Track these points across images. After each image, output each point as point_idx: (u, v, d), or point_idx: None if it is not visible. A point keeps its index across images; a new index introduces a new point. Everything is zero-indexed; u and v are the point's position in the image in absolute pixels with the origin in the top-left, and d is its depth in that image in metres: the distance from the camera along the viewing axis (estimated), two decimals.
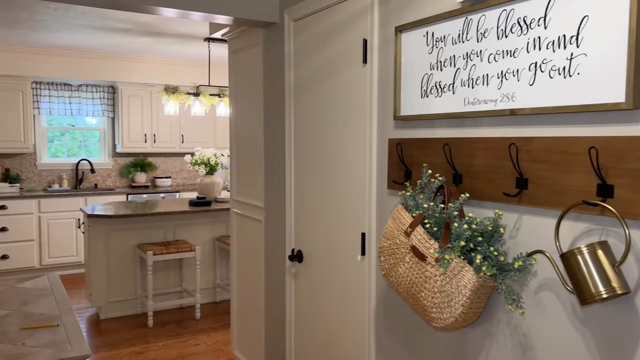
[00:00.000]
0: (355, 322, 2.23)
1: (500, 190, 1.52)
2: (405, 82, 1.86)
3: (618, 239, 1.24)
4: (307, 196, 2.55)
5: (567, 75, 1.33)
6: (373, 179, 2.06)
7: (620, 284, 1.18)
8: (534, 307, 1.46)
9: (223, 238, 5.05)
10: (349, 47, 2.19)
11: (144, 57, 6.48)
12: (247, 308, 3.36)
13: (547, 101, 1.38)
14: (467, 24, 1.61)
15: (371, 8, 2.04)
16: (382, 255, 1.77)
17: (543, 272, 1.43)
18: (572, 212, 1.33)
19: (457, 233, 1.51)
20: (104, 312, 4.69)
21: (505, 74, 1.50)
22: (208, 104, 5.29)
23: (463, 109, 1.63)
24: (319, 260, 2.47)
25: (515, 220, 1.50)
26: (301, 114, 2.58)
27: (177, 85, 5.38)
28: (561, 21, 1.34)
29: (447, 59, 1.69)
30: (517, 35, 1.46)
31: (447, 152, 1.68)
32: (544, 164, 1.39)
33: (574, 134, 1.33)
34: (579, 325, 1.34)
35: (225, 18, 2.73)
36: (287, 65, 2.67)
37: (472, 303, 1.51)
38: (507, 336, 1.55)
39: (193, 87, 5.34)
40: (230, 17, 2.71)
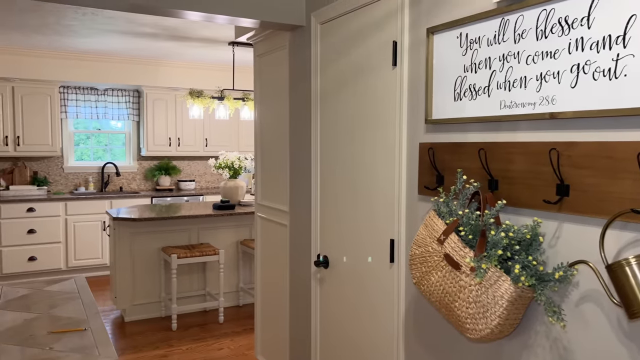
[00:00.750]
0: (383, 330, 2.18)
1: (539, 197, 1.46)
2: (437, 85, 1.81)
3: None
4: (333, 201, 2.51)
5: (613, 77, 1.27)
6: (403, 184, 2.01)
7: None
8: (576, 320, 1.39)
9: (246, 242, 5.05)
10: (378, 49, 2.15)
11: (169, 61, 6.53)
12: (271, 313, 3.34)
13: (591, 104, 1.32)
14: (504, 25, 1.55)
15: (401, 9, 1.99)
16: (414, 263, 1.72)
17: (585, 283, 1.36)
18: (618, 221, 1.27)
19: (494, 241, 1.46)
20: (128, 314, 4.72)
21: (544, 76, 1.44)
22: (232, 107, 5.30)
23: (499, 113, 1.58)
24: (345, 266, 2.43)
25: (555, 229, 1.44)
26: (328, 118, 2.55)
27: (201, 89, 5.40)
28: (606, 21, 1.28)
29: (482, 61, 1.63)
30: (557, 36, 1.40)
31: (483, 157, 1.62)
32: (588, 170, 1.33)
33: (621, 139, 1.26)
34: (624, 339, 1.27)
35: (252, 21, 2.72)
36: (313, 69, 2.64)
37: (509, 314, 1.45)
38: (546, 349, 1.48)
39: (217, 91, 5.35)
40: (256, 21, 2.70)
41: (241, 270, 5.17)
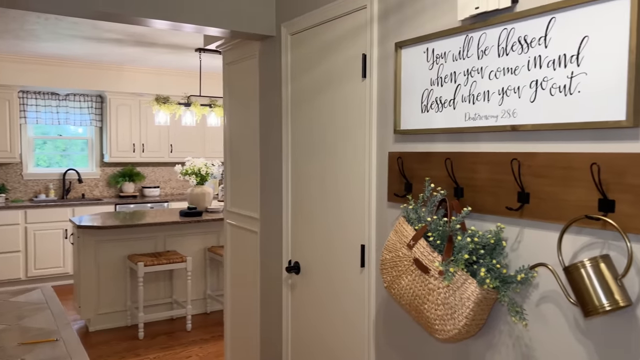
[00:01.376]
0: (354, 333, 2.25)
1: (502, 204, 1.55)
2: (405, 97, 1.90)
3: (619, 253, 1.28)
4: (305, 208, 2.57)
5: (568, 93, 1.37)
6: (373, 192, 2.08)
7: (623, 297, 1.22)
8: (536, 319, 1.49)
9: (214, 248, 5.04)
10: (347, 61, 2.22)
11: (134, 67, 6.46)
12: (241, 319, 3.35)
13: (548, 118, 1.42)
14: (468, 42, 1.65)
15: (370, 24, 2.07)
16: (384, 267, 1.80)
17: (545, 284, 1.46)
18: (574, 226, 1.37)
19: (460, 246, 1.54)
20: (93, 324, 4.63)
21: (506, 90, 1.54)
22: (199, 114, 5.29)
23: (464, 124, 1.67)
24: (317, 271, 2.49)
25: (517, 234, 1.53)
26: (299, 126, 2.60)
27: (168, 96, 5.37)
28: (561, 41, 1.38)
29: (447, 75, 1.72)
30: (517, 54, 1.50)
31: (449, 166, 1.71)
32: (546, 179, 1.43)
33: (576, 150, 1.37)
34: (581, 336, 1.38)
35: (221, 31, 2.75)
36: (284, 78, 2.70)
37: (475, 315, 1.53)
38: (509, 347, 1.57)
39: (184, 97, 5.33)
40: (226, 30, 2.73)
41: (209, 277, 5.15)
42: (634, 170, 1.23)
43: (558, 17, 1.39)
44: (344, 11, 2.23)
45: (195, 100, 5.31)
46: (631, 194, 1.24)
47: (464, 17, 1.63)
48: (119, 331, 4.61)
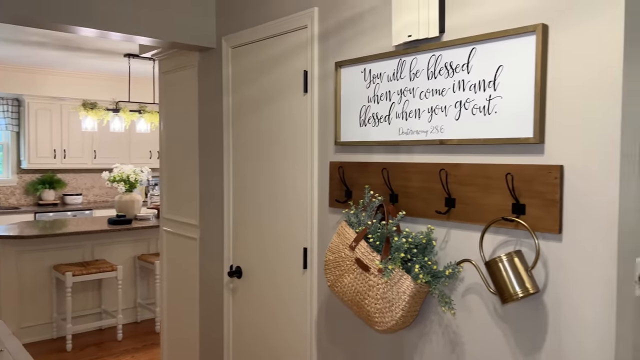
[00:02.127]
0: (297, 332, 2.39)
1: (432, 208, 1.77)
2: (344, 112, 2.08)
3: (529, 248, 1.52)
4: (247, 215, 2.68)
5: (487, 113, 1.61)
6: (315, 198, 2.24)
7: (533, 285, 1.46)
8: (462, 308, 1.71)
9: (144, 256, 4.98)
10: (289, 76, 2.37)
11: (56, 70, 6.22)
12: (179, 326, 3.39)
13: (471, 134, 1.65)
14: (401, 65, 1.85)
15: (311, 43, 2.24)
16: (328, 268, 1.96)
17: (469, 278, 1.69)
18: (493, 227, 1.60)
19: (397, 246, 1.74)
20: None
21: (434, 109, 1.76)
22: (128, 120, 5.21)
23: (398, 138, 1.87)
24: (260, 275, 2.61)
25: (445, 234, 1.75)
26: (241, 136, 2.71)
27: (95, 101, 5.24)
28: (481, 68, 1.62)
29: (383, 94, 1.92)
30: (444, 77, 1.72)
31: (385, 175, 1.91)
32: (469, 187, 1.66)
33: (494, 162, 1.60)
34: (499, 321, 1.61)
35: (160, 42, 2.78)
36: (225, 89, 2.80)
37: (410, 307, 1.73)
38: (439, 335, 1.79)
39: (112, 102, 5.23)
40: (165, 41, 2.78)
41: (139, 285, 5.08)
42: (540, 179, 1.48)
43: (478, 47, 1.63)
44: (285, 29, 2.38)
45: (124, 106, 5.23)
46: (538, 199, 1.48)
47: (397, 42, 1.84)
48: (45, 344, 4.44)
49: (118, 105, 5.16)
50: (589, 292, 1.41)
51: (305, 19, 2.27)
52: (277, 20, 2.42)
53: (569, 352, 1.45)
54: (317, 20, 2.22)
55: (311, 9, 2.23)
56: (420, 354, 1.85)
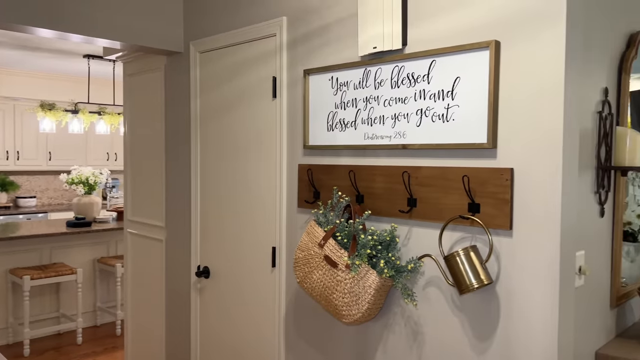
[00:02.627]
0: (266, 328, 2.48)
1: (396, 208, 1.90)
2: (313, 117, 2.19)
3: (483, 244, 1.67)
4: (216, 216, 2.75)
5: (445, 120, 1.75)
6: (284, 199, 2.34)
7: (487, 277, 1.61)
8: (423, 300, 1.85)
9: (104, 259, 4.94)
10: (259, 82, 2.47)
11: (13, 70, 6.06)
12: (143, 328, 3.41)
13: (431, 139, 1.79)
14: (367, 74, 1.98)
15: (280, 51, 2.34)
16: (297, 265, 2.06)
17: (429, 271, 1.83)
18: (451, 224, 1.75)
19: (363, 243, 1.86)
20: None
21: (397, 116, 1.89)
22: (87, 121, 5.15)
23: (364, 142, 2.00)
24: (228, 274, 2.68)
25: (407, 232, 1.89)
26: (209, 139, 2.78)
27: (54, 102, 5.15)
28: (440, 79, 1.77)
29: (349, 101, 2.05)
30: (406, 87, 1.86)
31: (352, 177, 2.03)
32: (430, 187, 1.80)
33: (451, 165, 1.75)
34: (456, 310, 1.76)
35: (127, 45, 2.81)
36: (192, 93, 2.86)
37: (375, 300, 1.86)
38: (402, 326, 1.92)
39: (71, 103, 5.16)
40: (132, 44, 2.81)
41: (98, 288, 5.03)
42: (492, 180, 1.64)
43: (438, 60, 1.77)
44: (254, 37, 2.48)
45: (83, 108, 5.16)
46: (491, 198, 1.64)
47: (363, 53, 1.97)
48: (1, 350, 4.33)
49: (77, 106, 5.09)
50: (535, 283, 1.57)
51: (274, 28, 2.37)
52: (246, 27, 2.51)
53: (518, 337, 1.61)
54: (285, 29, 2.32)
55: (280, 18, 2.33)
56: (384, 344, 1.98)
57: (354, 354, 2.08)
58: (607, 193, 2.01)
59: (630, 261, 2.53)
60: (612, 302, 2.10)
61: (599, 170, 1.94)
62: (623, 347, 2.03)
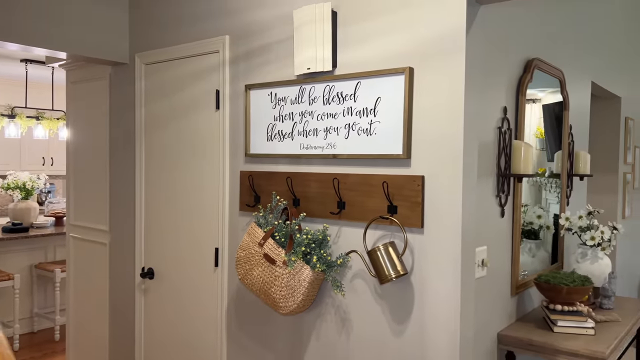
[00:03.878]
0: (208, 324, 2.66)
1: (327, 210, 2.15)
2: (253, 128, 2.41)
3: (400, 240, 1.95)
4: (160, 218, 2.90)
5: (369, 134, 2.02)
6: (226, 203, 2.54)
7: (403, 268, 1.89)
8: (350, 291, 2.11)
9: (42, 265, 4.90)
10: (202, 94, 2.65)
11: None
12: (86, 332, 3.48)
13: (357, 150, 2.06)
14: (302, 91, 2.23)
15: (222, 66, 2.54)
16: (239, 263, 2.27)
17: (356, 265, 2.09)
18: (373, 224, 2.02)
19: (298, 242, 2.10)
20: None
21: (329, 129, 2.15)
22: (25, 126, 5.10)
23: (300, 152, 2.24)
24: (172, 274, 2.84)
25: (337, 231, 2.14)
26: (154, 146, 2.93)
27: None
28: (365, 98, 2.04)
29: (287, 114, 2.28)
30: (336, 104, 2.12)
31: (289, 182, 2.27)
32: (356, 192, 2.06)
33: (374, 173, 2.02)
34: (378, 298, 2.03)
35: (73, 55, 2.91)
36: (138, 102, 3.00)
37: (309, 292, 2.10)
38: (332, 315, 2.17)
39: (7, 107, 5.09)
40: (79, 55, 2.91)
41: (36, 294, 4.98)
42: (407, 186, 1.92)
43: (362, 81, 2.04)
44: (198, 52, 2.66)
45: (20, 112, 5.10)
46: (406, 201, 1.92)
47: (299, 73, 2.21)
48: None
49: (14, 110, 5.03)
50: (442, 274, 1.86)
51: (217, 45, 2.57)
52: (191, 43, 2.69)
53: (429, 321, 1.90)
54: (228, 46, 2.53)
55: (223, 37, 2.54)
56: (317, 331, 2.22)
57: (290, 342, 2.31)
58: (507, 196, 2.35)
59: (532, 256, 2.91)
60: (513, 290, 2.45)
61: (499, 177, 2.27)
62: (521, 329, 2.37)
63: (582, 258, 2.81)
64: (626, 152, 4.42)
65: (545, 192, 3.04)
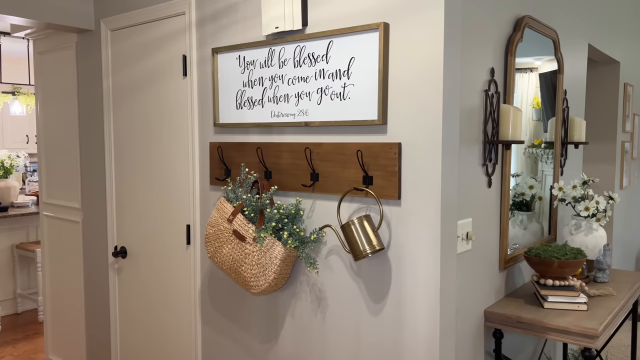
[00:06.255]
0: (182, 304, 2.53)
1: (300, 182, 2.00)
2: (222, 95, 2.23)
3: (377, 213, 1.80)
4: (131, 195, 2.75)
5: (343, 98, 1.85)
6: (196, 177, 2.38)
7: (379, 243, 1.74)
8: (325, 268, 1.97)
9: (24, 245, 4.77)
10: (169, 60, 2.47)
11: None
12: (63, 311, 3.36)
13: (330, 117, 1.89)
14: (271, 53, 2.05)
15: (189, 29, 2.36)
16: (208, 240, 2.13)
17: (330, 241, 1.94)
18: (348, 196, 1.87)
19: (269, 217, 1.95)
20: None
21: (300, 94, 1.98)
22: (0, 102, 4.90)
23: (270, 120, 2.07)
24: (144, 253, 2.70)
25: (311, 204, 1.99)
26: (122, 118, 2.76)
27: None
28: (338, 59, 1.86)
29: (256, 79, 2.11)
30: (308, 66, 1.95)
31: (260, 154, 2.11)
32: (330, 162, 1.90)
33: (348, 141, 1.86)
34: (354, 275, 1.89)
35: (33, 22, 2.73)
36: (104, 72, 2.82)
37: (281, 270, 1.96)
38: (308, 293, 2.04)
39: None
40: (38, 21, 2.72)
41: (18, 275, 4.86)
42: (383, 154, 1.76)
43: (335, 40, 1.86)
44: (163, 15, 2.47)
45: None
46: (382, 171, 1.76)
47: (267, 33, 2.03)
48: None
49: None
50: (421, 248, 1.71)
51: (183, 6, 2.37)
52: (155, 5, 2.50)
53: (407, 298, 1.76)
54: (194, 7, 2.33)
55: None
56: (292, 310, 2.09)
57: (265, 322, 2.18)
58: (494, 165, 2.19)
59: (523, 228, 2.77)
60: (501, 264, 2.31)
61: (486, 144, 2.11)
62: (510, 305, 2.24)
63: (575, 230, 2.67)
64: (625, 119, 4.25)
65: (542, 163, 2.90)
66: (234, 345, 2.30)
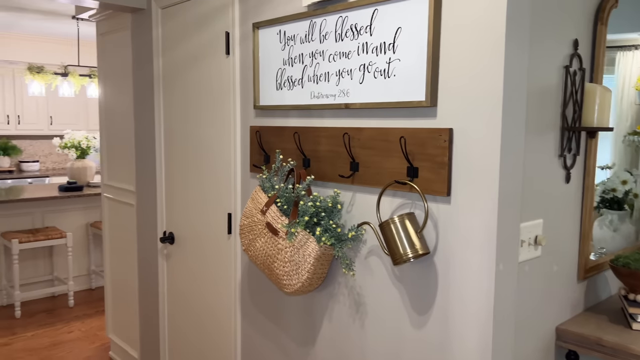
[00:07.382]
0: (223, 294, 2.41)
1: (338, 172, 1.77)
2: (262, 75, 2.05)
3: (423, 210, 1.54)
4: (177, 180, 2.66)
5: (387, 76, 1.60)
6: (238, 163, 2.23)
7: (422, 246, 1.48)
8: (364, 270, 1.74)
9: (97, 224, 4.94)
10: (213, 38, 2.32)
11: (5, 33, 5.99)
12: (121, 291, 3.39)
13: (372, 97, 1.64)
14: (312, 26, 1.82)
15: (232, 3, 2.18)
16: (243, 232, 1.97)
17: (371, 240, 1.71)
18: (390, 190, 1.62)
19: (303, 210, 1.74)
20: None
21: (341, 72, 1.74)
22: (78, 84, 5.08)
23: (310, 102, 1.86)
24: (189, 240, 2.61)
25: (351, 198, 1.76)
26: (170, 101, 2.67)
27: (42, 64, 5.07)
28: (382, 30, 1.60)
29: (296, 56, 1.90)
30: (350, 40, 1.70)
31: (297, 139, 1.90)
32: (371, 150, 1.66)
33: (391, 126, 1.60)
34: (395, 281, 1.64)
35: (89, 1, 2.71)
36: (155, 52, 2.73)
37: (315, 269, 1.75)
38: (346, 296, 1.82)
39: (61, 66, 5.08)
40: (95, 1, 2.70)
41: (92, 253, 5.05)
42: (431, 142, 1.49)
43: (380, 8, 1.60)
44: None
45: (73, 70, 5.09)
46: (429, 162, 1.49)
47: (308, 3, 1.80)
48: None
49: (67, 69, 5.01)
50: (474, 254, 1.43)
51: None
52: None
53: (455, 311, 1.49)
54: None
55: None
56: (329, 313, 1.88)
57: (303, 323, 1.99)
58: (575, 157, 1.84)
59: (613, 230, 2.37)
60: (580, 274, 1.96)
61: (564, 131, 1.76)
62: (589, 323, 1.89)
63: None
64: None
65: None
66: (272, 345, 2.14)
